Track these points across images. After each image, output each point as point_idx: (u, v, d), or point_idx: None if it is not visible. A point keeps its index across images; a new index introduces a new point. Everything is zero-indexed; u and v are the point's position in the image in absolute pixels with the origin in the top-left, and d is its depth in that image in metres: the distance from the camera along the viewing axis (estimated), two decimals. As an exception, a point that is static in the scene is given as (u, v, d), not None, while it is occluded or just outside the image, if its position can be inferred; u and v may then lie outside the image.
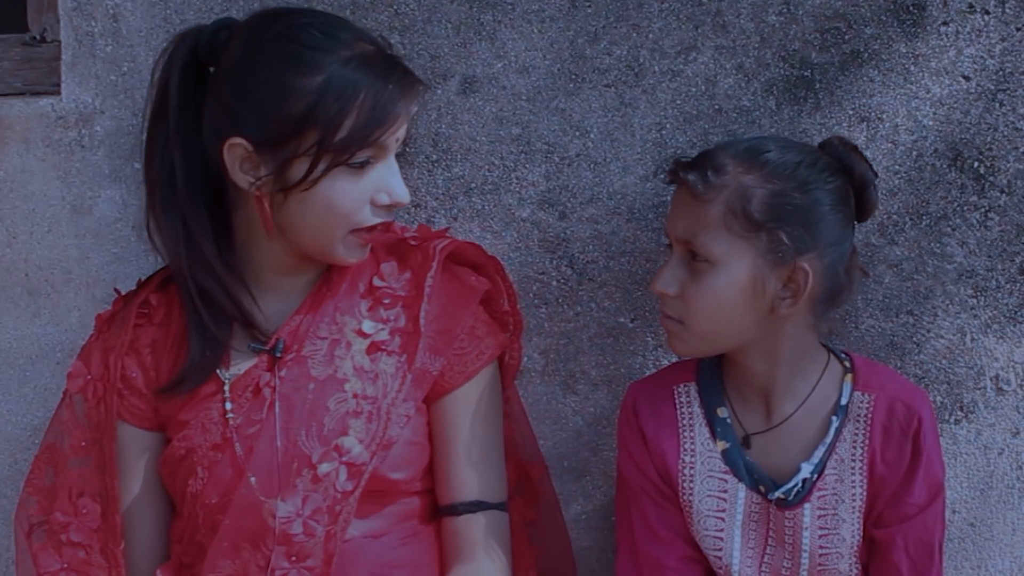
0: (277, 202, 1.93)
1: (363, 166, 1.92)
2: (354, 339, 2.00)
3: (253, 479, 1.94)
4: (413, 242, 2.07)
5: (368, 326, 2.00)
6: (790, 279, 1.93)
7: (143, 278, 2.10)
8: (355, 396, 1.97)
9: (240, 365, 2.01)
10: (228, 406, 1.99)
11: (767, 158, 1.93)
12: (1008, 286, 2.26)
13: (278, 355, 1.99)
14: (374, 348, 2.00)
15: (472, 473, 2.03)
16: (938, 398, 2.29)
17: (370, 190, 1.93)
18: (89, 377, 2.02)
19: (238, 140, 1.90)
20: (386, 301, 2.02)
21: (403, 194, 1.96)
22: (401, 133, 1.96)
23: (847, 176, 1.97)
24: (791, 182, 1.92)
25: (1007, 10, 2.21)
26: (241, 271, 2.01)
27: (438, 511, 2.06)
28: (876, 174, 2.03)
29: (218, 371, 2.01)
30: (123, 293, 2.10)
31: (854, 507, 2.01)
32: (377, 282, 2.03)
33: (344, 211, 1.92)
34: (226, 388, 1.99)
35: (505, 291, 2.12)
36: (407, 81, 1.94)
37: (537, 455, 2.22)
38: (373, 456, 1.95)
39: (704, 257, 1.93)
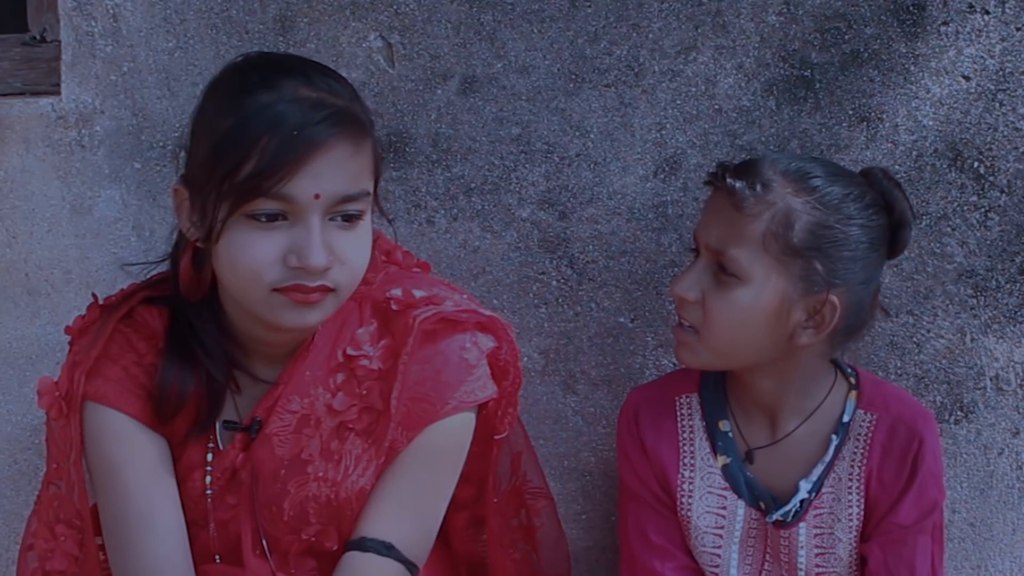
0: (208, 254, 1.80)
1: (270, 220, 1.73)
2: (324, 416, 1.85)
3: (218, 558, 1.89)
4: (395, 306, 1.87)
5: (339, 402, 1.86)
6: (816, 311, 1.89)
7: (124, 288, 1.98)
8: (316, 479, 1.85)
9: (221, 441, 1.90)
10: (208, 480, 1.89)
11: (815, 183, 1.88)
12: (1008, 286, 2.26)
13: (253, 436, 1.86)
14: (343, 428, 1.86)
15: (397, 515, 1.86)
16: (938, 398, 2.29)
17: (281, 249, 1.73)
18: (57, 394, 1.88)
19: (179, 186, 1.81)
20: (360, 375, 1.86)
21: (315, 258, 1.72)
22: (327, 188, 1.72)
23: (887, 212, 1.93)
24: (837, 214, 1.88)
25: (1007, 10, 2.21)
26: (228, 332, 1.88)
27: (345, 544, 1.88)
28: (915, 215, 1.99)
29: (208, 443, 1.90)
30: (100, 301, 1.96)
31: (850, 527, 1.99)
32: (351, 351, 1.86)
33: (249, 267, 1.74)
34: (208, 467, 1.89)
35: (509, 351, 1.93)
36: (328, 130, 1.72)
37: (543, 488, 2.15)
38: (335, 541, 1.86)
39: (733, 271, 1.89)
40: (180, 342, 1.87)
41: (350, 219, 1.76)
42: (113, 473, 1.86)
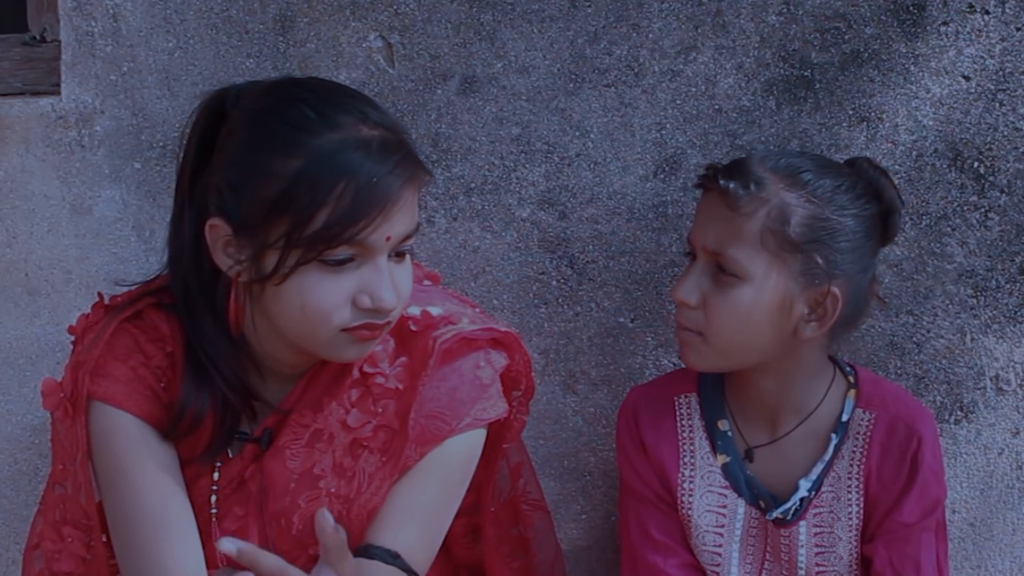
0: (255, 292, 1.76)
1: (342, 263, 1.71)
2: (338, 432, 1.85)
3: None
4: (414, 326, 1.87)
5: (354, 418, 1.85)
6: (819, 303, 1.90)
7: (132, 288, 1.94)
8: (328, 494, 1.85)
9: (231, 450, 1.89)
10: (214, 488, 1.87)
11: (807, 178, 1.89)
12: (1008, 286, 2.26)
13: (264, 448, 1.86)
14: (357, 445, 1.86)
15: (405, 526, 1.85)
16: (938, 398, 2.29)
17: (351, 290, 1.72)
18: (62, 395, 1.86)
19: (218, 221, 1.74)
20: (376, 392, 1.86)
21: (388, 300, 1.72)
22: (397, 230, 1.72)
23: (876, 200, 1.94)
24: (831, 206, 1.88)
25: (1007, 10, 2.21)
26: (244, 351, 1.85)
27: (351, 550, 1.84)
28: (903, 202, 2.00)
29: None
30: (105, 301, 1.93)
31: (850, 526, 1.99)
32: (367, 368, 1.86)
33: (320, 311, 1.72)
34: (215, 475, 1.87)
35: (522, 362, 1.95)
36: (401, 174, 1.71)
37: (539, 500, 2.14)
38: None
39: (733, 271, 1.88)
40: (196, 365, 1.84)
41: (404, 252, 1.78)
42: (123, 474, 1.83)
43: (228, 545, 1.55)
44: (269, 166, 1.69)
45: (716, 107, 2.24)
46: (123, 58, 2.24)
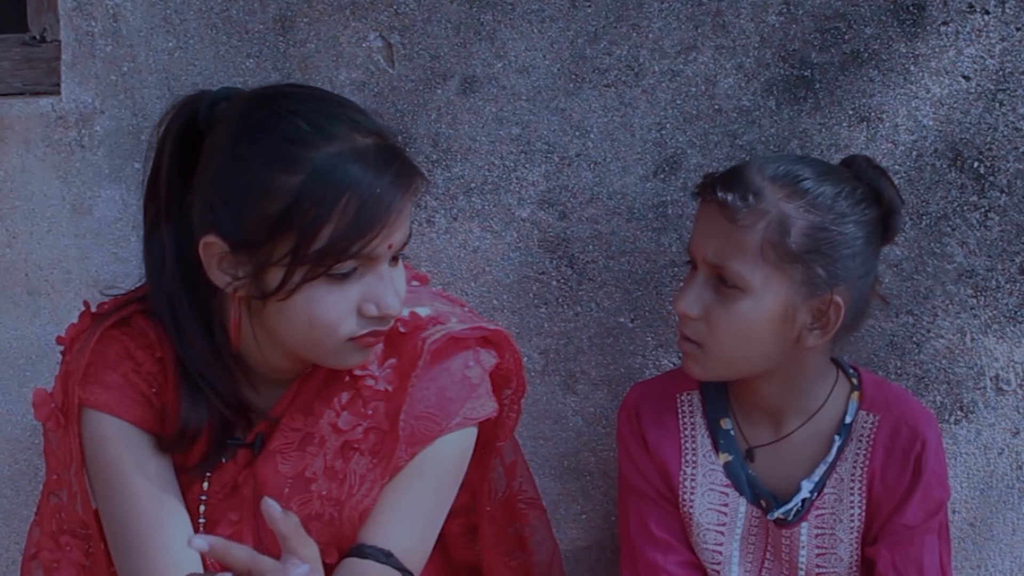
0: (256, 307, 1.76)
1: (347, 275, 1.71)
2: (329, 434, 1.85)
3: None
4: (403, 328, 1.86)
5: (344, 421, 1.85)
6: (821, 312, 1.89)
7: (118, 295, 1.92)
8: (320, 497, 1.85)
9: (224, 456, 1.88)
10: (203, 497, 1.87)
11: (806, 186, 1.87)
12: (1008, 286, 2.26)
13: (257, 452, 1.86)
14: (348, 447, 1.85)
15: (397, 525, 1.85)
16: (938, 398, 2.29)
17: (356, 300, 1.73)
18: (53, 406, 1.85)
19: (213, 239, 1.72)
20: (366, 394, 1.86)
21: (394, 306, 1.74)
22: (397, 238, 1.73)
23: (876, 202, 1.93)
24: (831, 214, 1.87)
25: (1007, 10, 2.21)
26: (237, 362, 1.84)
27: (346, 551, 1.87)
28: (903, 201, 1.99)
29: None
30: (92, 309, 1.91)
31: (852, 527, 1.99)
32: (357, 371, 1.86)
33: (327, 323, 1.72)
34: (204, 484, 1.87)
35: (512, 360, 1.95)
36: (401, 183, 1.71)
37: (536, 498, 2.15)
38: (334, 557, 1.83)
39: (735, 284, 1.87)
40: (189, 381, 1.83)
41: (398, 256, 1.78)
42: (118, 479, 1.83)
43: (199, 542, 1.54)
44: (268, 183, 1.68)
45: (716, 107, 2.24)
46: (123, 58, 2.24)
